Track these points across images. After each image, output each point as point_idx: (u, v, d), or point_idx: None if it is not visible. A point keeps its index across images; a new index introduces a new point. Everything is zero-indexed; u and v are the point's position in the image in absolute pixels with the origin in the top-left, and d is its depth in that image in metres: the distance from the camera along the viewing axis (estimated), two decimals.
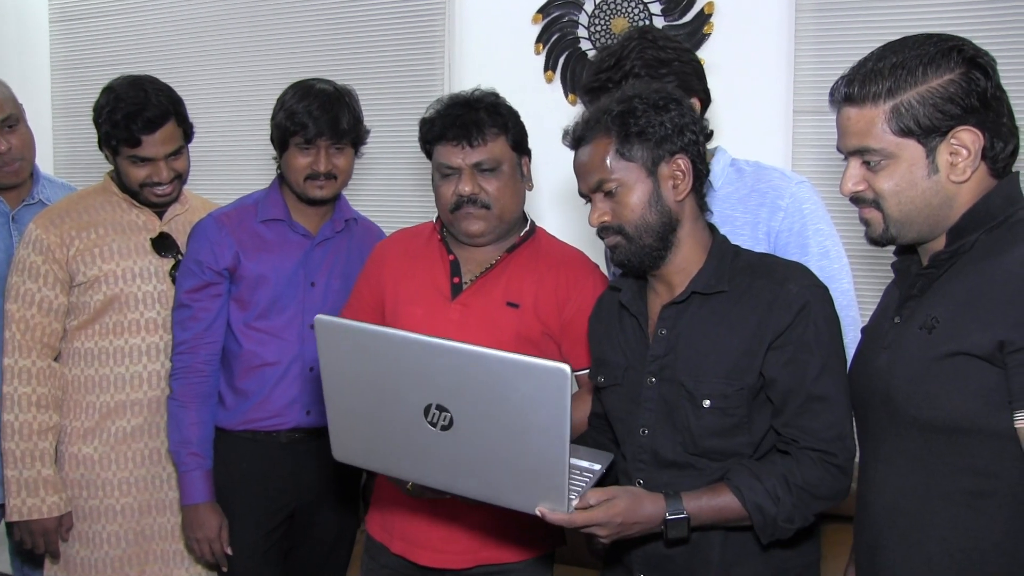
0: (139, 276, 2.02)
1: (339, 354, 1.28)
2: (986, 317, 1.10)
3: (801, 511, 1.32)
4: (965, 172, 1.17)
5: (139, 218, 2.07)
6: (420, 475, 1.34)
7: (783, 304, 1.33)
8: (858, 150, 1.21)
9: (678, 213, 1.38)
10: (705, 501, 1.33)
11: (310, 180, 1.91)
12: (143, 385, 2.03)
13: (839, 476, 1.32)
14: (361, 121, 1.96)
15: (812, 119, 2.56)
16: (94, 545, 2.03)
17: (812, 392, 1.32)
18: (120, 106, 1.93)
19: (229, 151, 3.31)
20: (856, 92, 1.20)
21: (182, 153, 2.04)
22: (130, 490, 2.04)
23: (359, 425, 1.33)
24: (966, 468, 1.15)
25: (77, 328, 2.01)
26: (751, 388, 1.35)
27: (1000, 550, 1.14)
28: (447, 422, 1.23)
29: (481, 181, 1.67)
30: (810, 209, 1.66)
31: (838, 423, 1.32)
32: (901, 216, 1.21)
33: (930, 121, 1.15)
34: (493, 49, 2.93)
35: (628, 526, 1.30)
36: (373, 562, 1.84)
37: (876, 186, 1.21)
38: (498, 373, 1.17)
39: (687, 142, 1.37)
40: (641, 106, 1.36)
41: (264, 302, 1.94)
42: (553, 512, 1.25)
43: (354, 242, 2.06)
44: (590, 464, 1.38)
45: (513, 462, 1.22)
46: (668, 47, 1.64)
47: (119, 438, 2.02)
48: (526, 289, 1.71)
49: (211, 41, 3.40)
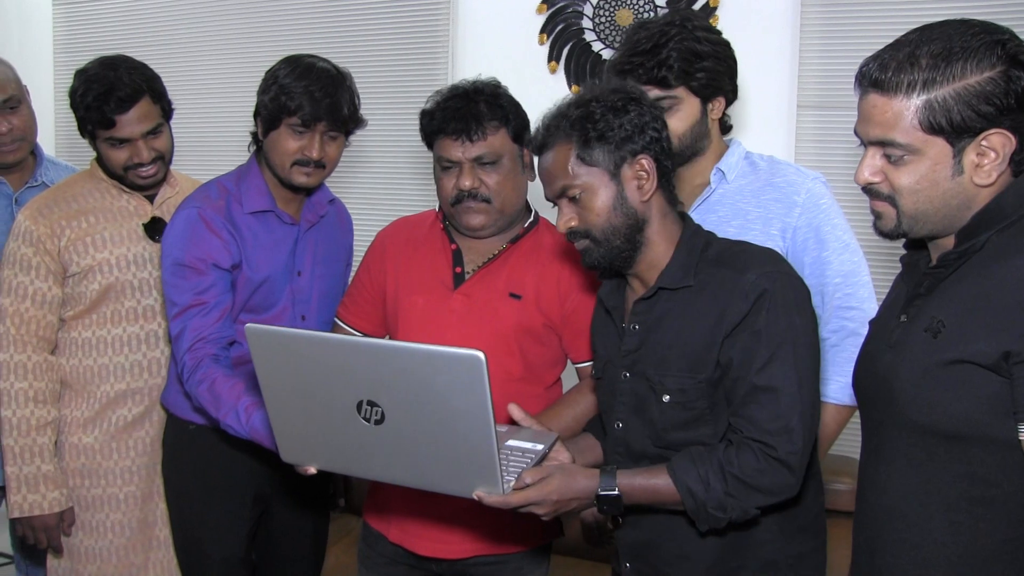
0: (133, 263, 1.97)
1: (272, 360, 1.32)
2: (993, 325, 1.08)
3: (737, 502, 1.30)
4: (991, 175, 1.11)
5: (129, 203, 2.01)
6: (362, 469, 1.38)
7: (741, 293, 1.31)
8: (881, 141, 1.15)
9: (644, 213, 1.38)
10: (640, 480, 1.33)
11: (298, 166, 1.78)
12: (143, 373, 2.00)
13: (780, 470, 1.28)
14: (359, 108, 1.86)
15: (815, 114, 2.55)
16: (98, 534, 2.01)
17: (757, 382, 1.29)
18: (91, 88, 1.86)
19: (236, 134, 3.30)
20: (888, 79, 1.11)
21: (162, 131, 1.95)
22: (132, 478, 2.02)
23: (300, 426, 1.37)
24: (967, 474, 1.13)
25: (74, 318, 1.97)
26: (710, 380, 1.34)
27: (997, 557, 1.13)
28: (379, 416, 1.26)
29: (481, 175, 1.66)
30: (826, 205, 1.65)
31: (784, 415, 1.28)
32: (915, 213, 1.16)
33: (963, 121, 1.08)
34: (497, 39, 2.92)
35: (564, 502, 1.33)
36: (370, 550, 1.84)
37: (894, 180, 1.15)
38: (418, 365, 1.21)
39: (648, 141, 1.36)
40: (599, 109, 1.35)
41: (258, 297, 1.87)
42: (489, 495, 1.28)
43: (333, 226, 2.01)
44: (532, 445, 1.41)
45: (445, 450, 1.26)
46: (707, 40, 1.62)
47: (119, 427, 2.00)
48: (528, 280, 1.71)
49: (215, 23, 3.39)
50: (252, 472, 1.91)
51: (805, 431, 1.29)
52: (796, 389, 1.29)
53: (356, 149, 3.02)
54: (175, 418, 1.95)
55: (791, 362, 1.29)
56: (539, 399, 1.73)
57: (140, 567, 2.04)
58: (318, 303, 1.95)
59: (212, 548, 1.93)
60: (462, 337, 1.67)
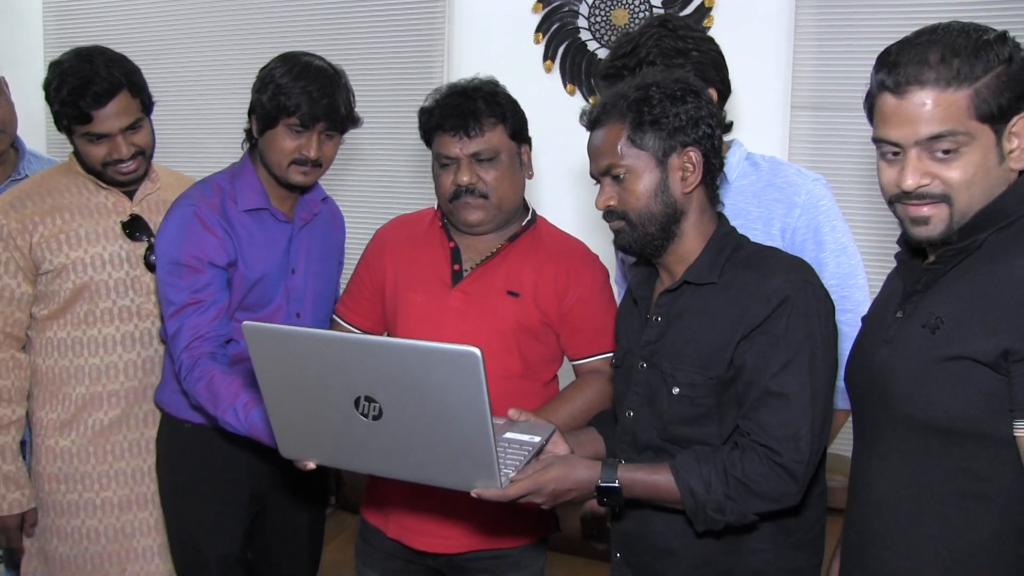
0: (109, 263, 1.91)
1: (270, 357, 1.33)
2: (992, 323, 1.09)
3: (737, 505, 1.29)
4: (1021, 159, 1.14)
5: (108, 200, 1.95)
6: (360, 464, 1.40)
7: (763, 297, 1.30)
8: (936, 135, 1.12)
9: (684, 205, 1.38)
10: (642, 475, 1.34)
11: (295, 165, 1.78)
12: (119, 376, 1.95)
13: (784, 477, 1.28)
14: (355, 107, 1.85)
15: (810, 115, 2.56)
16: (73, 541, 1.96)
17: (770, 387, 1.29)
18: (67, 81, 1.79)
19: (229, 131, 3.30)
20: (933, 76, 1.12)
21: (142, 126, 1.89)
22: (110, 484, 1.96)
23: (298, 422, 1.38)
24: (960, 470, 1.15)
25: (48, 317, 1.91)
26: (720, 379, 1.34)
27: (987, 551, 1.15)
28: (377, 412, 1.28)
29: (479, 171, 1.68)
30: (826, 206, 1.66)
31: (794, 423, 1.27)
32: (968, 209, 1.14)
33: (1006, 104, 1.11)
34: (493, 38, 2.93)
35: (562, 493, 1.34)
36: (368, 545, 1.85)
37: (948, 177, 1.13)
38: (415, 361, 1.23)
39: (701, 135, 1.37)
40: (658, 95, 1.35)
41: (254, 296, 1.85)
42: (487, 490, 1.29)
43: (326, 224, 2.00)
44: (529, 437, 1.43)
45: (442, 445, 1.28)
46: (687, 36, 1.63)
47: (97, 431, 1.95)
48: (526, 278, 1.72)
49: (209, 17, 3.37)
50: (249, 470, 1.90)
51: (813, 441, 1.28)
52: (808, 398, 1.28)
53: (352, 148, 3.03)
54: (171, 417, 1.93)
55: (807, 371, 1.28)
56: (536, 396, 1.74)
57: None
58: (312, 301, 1.94)
59: (209, 547, 1.91)
60: (460, 334, 1.67)
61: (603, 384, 1.73)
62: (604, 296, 1.77)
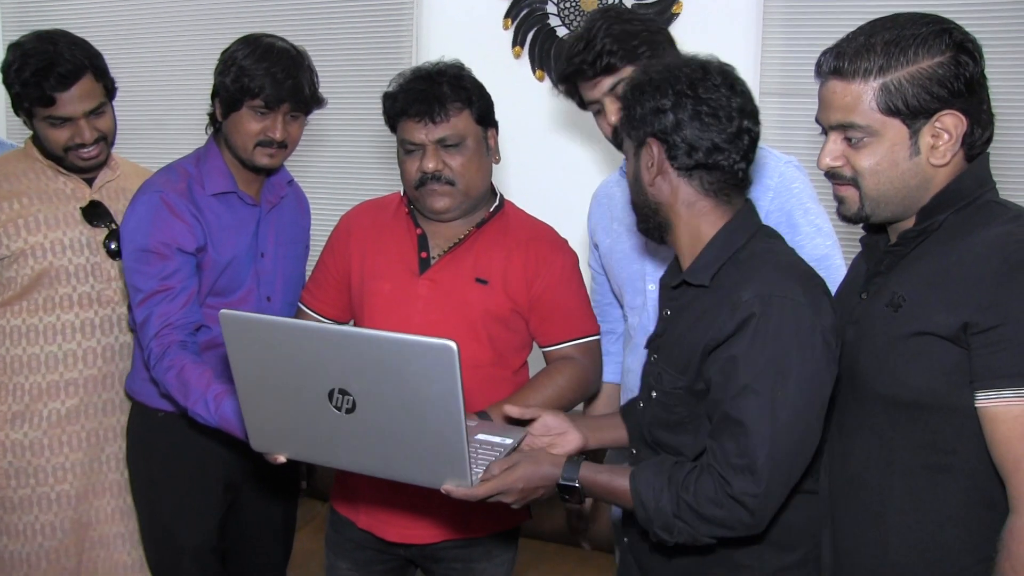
0: (69, 248, 1.87)
1: (246, 347, 1.31)
2: (951, 298, 1.12)
3: (687, 527, 1.22)
4: (945, 156, 1.17)
5: (67, 186, 1.91)
6: (332, 458, 1.38)
7: (730, 311, 1.22)
8: (841, 125, 1.20)
9: (656, 196, 1.32)
10: (603, 477, 1.32)
11: (261, 147, 1.77)
12: (78, 364, 1.90)
13: (735, 507, 1.18)
14: (318, 87, 1.82)
15: (779, 100, 2.57)
16: (25, 538, 1.90)
17: (728, 411, 1.20)
18: (29, 62, 1.75)
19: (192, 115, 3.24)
20: (846, 66, 1.17)
21: (105, 111, 1.86)
22: (66, 476, 1.91)
23: (271, 414, 1.36)
24: (927, 444, 1.17)
25: (3, 304, 1.86)
26: (689, 390, 1.28)
27: (955, 522, 1.17)
28: (350, 405, 1.27)
29: (445, 157, 1.65)
30: (799, 188, 1.65)
31: (749, 453, 1.17)
32: (877, 195, 1.20)
33: (918, 102, 1.14)
34: (461, 23, 2.90)
35: (531, 490, 1.34)
36: (338, 535, 1.83)
37: (856, 163, 1.20)
38: (390, 354, 1.22)
39: (661, 127, 1.29)
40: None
41: (224, 280, 1.84)
42: (457, 488, 1.29)
43: (292, 207, 1.99)
44: (501, 439, 1.43)
45: (415, 440, 1.27)
46: (634, 19, 1.63)
47: (52, 422, 1.89)
48: (495, 265, 1.70)
49: (170, 2, 3.31)
50: (222, 460, 1.88)
51: (773, 473, 1.18)
52: (768, 428, 1.17)
53: (318, 131, 2.99)
54: (142, 406, 1.90)
55: (767, 398, 1.17)
56: (507, 383, 1.73)
57: (72, 571, 1.95)
58: (282, 284, 1.94)
59: (183, 538, 1.89)
60: (428, 323, 1.66)
61: (574, 370, 1.72)
62: (574, 282, 1.75)
